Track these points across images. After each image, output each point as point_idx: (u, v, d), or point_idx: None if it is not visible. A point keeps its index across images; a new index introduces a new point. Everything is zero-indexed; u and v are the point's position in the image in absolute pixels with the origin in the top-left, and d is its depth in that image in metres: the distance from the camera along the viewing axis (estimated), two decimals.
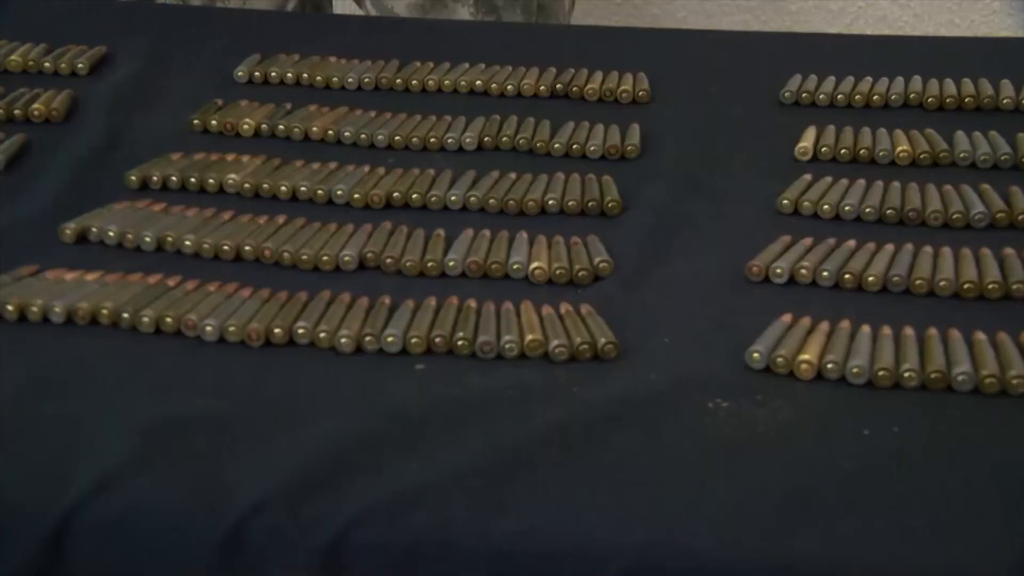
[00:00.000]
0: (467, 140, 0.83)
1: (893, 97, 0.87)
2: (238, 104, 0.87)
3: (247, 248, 0.70)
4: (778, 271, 0.67)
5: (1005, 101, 0.85)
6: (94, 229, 0.72)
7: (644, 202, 0.76)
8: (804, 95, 0.89)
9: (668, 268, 0.69)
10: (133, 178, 0.78)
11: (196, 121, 0.85)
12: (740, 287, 0.67)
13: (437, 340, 0.62)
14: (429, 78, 0.91)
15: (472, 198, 0.75)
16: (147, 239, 0.70)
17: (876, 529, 0.50)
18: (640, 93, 0.90)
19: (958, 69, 0.91)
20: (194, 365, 0.61)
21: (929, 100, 0.87)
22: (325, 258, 0.69)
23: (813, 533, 0.50)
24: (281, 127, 0.84)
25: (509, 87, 0.90)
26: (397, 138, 0.83)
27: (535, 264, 0.68)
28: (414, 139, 0.83)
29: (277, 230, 0.71)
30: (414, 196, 0.75)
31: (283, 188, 0.76)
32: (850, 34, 1.61)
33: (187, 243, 0.70)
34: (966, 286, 0.65)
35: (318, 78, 0.91)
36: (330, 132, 0.83)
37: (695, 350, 0.62)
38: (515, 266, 0.68)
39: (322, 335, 0.62)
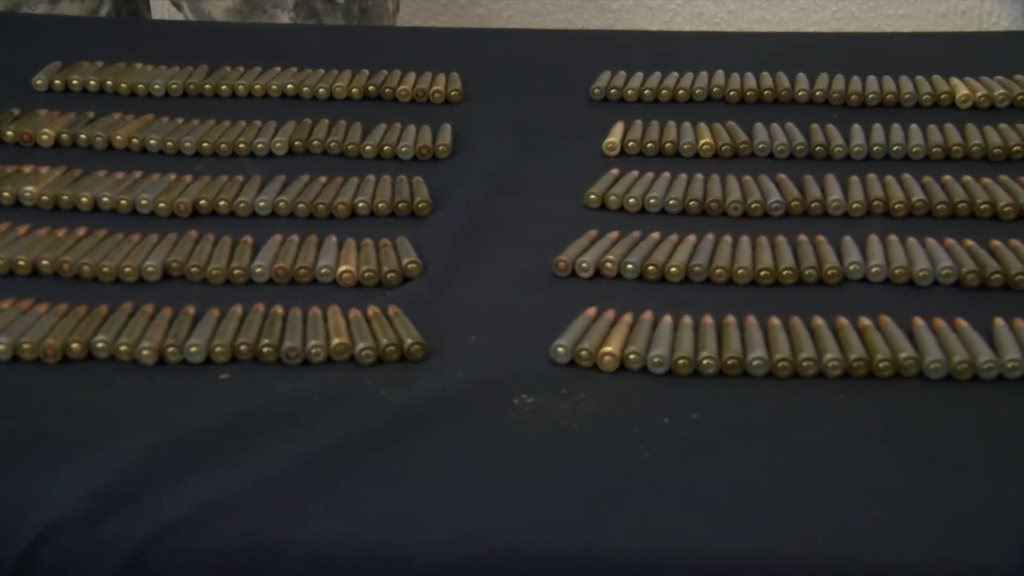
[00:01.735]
0: (277, 145, 0.82)
1: (697, 91, 0.90)
2: (37, 114, 0.85)
3: (44, 262, 0.67)
4: (584, 265, 0.68)
5: (800, 93, 0.89)
6: None
7: (455, 201, 0.76)
8: (613, 91, 0.91)
9: (477, 266, 0.70)
10: None
11: None
12: (547, 283, 0.68)
13: (242, 348, 0.61)
14: (239, 83, 0.90)
15: (281, 203, 0.74)
16: None
17: (678, 515, 0.51)
18: (452, 93, 0.90)
19: (761, 64, 0.94)
20: None
21: (731, 93, 0.89)
22: (127, 269, 0.67)
23: (618, 523, 0.51)
24: (83, 136, 0.82)
25: (321, 90, 0.90)
26: (205, 145, 0.81)
27: (343, 267, 0.68)
28: (223, 145, 0.81)
29: (77, 242, 0.69)
30: (221, 203, 0.74)
31: (84, 199, 0.74)
32: (660, 31, 1.64)
33: None
34: (762, 273, 0.67)
35: (123, 85, 0.89)
36: (135, 140, 0.82)
37: (502, 347, 0.62)
38: (323, 270, 0.68)
39: (123, 348, 0.60)
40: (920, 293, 0.66)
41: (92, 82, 0.89)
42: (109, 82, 0.89)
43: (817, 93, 0.88)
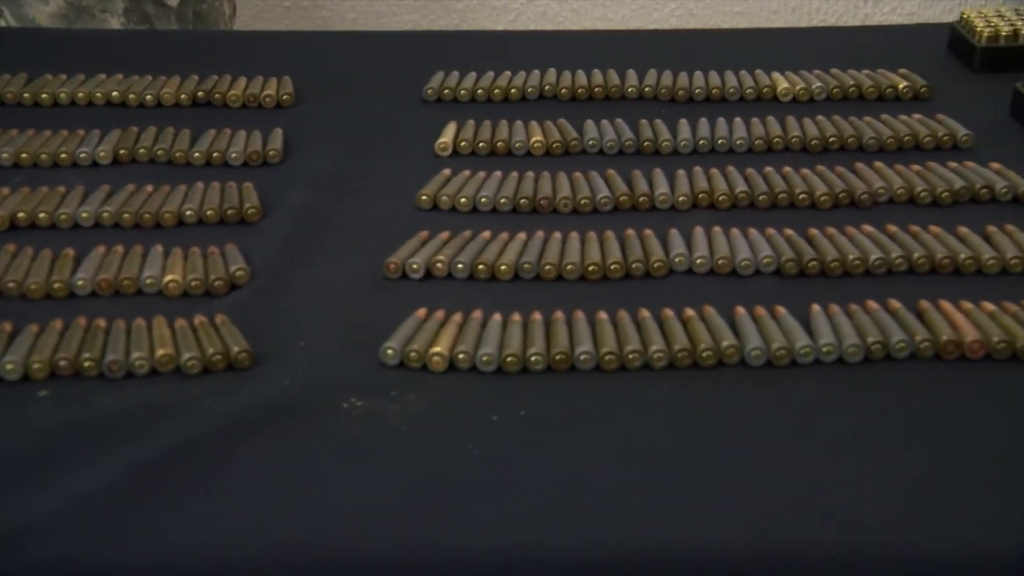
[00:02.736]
0: (101, 154, 0.80)
1: (529, 90, 0.91)
2: None
3: None
4: (414, 266, 0.68)
5: (630, 89, 0.90)
6: None
7: (285, 207, 0.75)
8: (446, 91, 0.91)
9: (307, 271, 0.69)
10: None
11: None
12: (378, 285, 0.68)
13: (62, 363, 0.59)
14: (61, 91, 0.88)
15: (105, 213, 0.73)
16: None
17: (506, 512, 0.51)
18: (284, 97, 0.89)
19: (597, 61, 0.95)
20: None
21: (562, 91, 0.90)
22: None
23: (446, 522, 0.51)
24: None
25: (148, 97, 0.88)
26: (24, 155, 0.79)
27: (169, 277, 0.66)
28: (43, 156, 0.79)
29: None
30: (41, 215, 0.72)
31: None
32: (499, 30, 1.65)
33: None
34: (591, 268, 0.68)
35: None
36: None
37: (331, 352, 0.62)
38: (148, 280, 0.66)
39: None
40: (742, 282, 0.68)
41: None
42: None
43: (646, 89, 0.90)
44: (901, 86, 0.89)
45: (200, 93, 0.89)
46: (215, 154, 0.80)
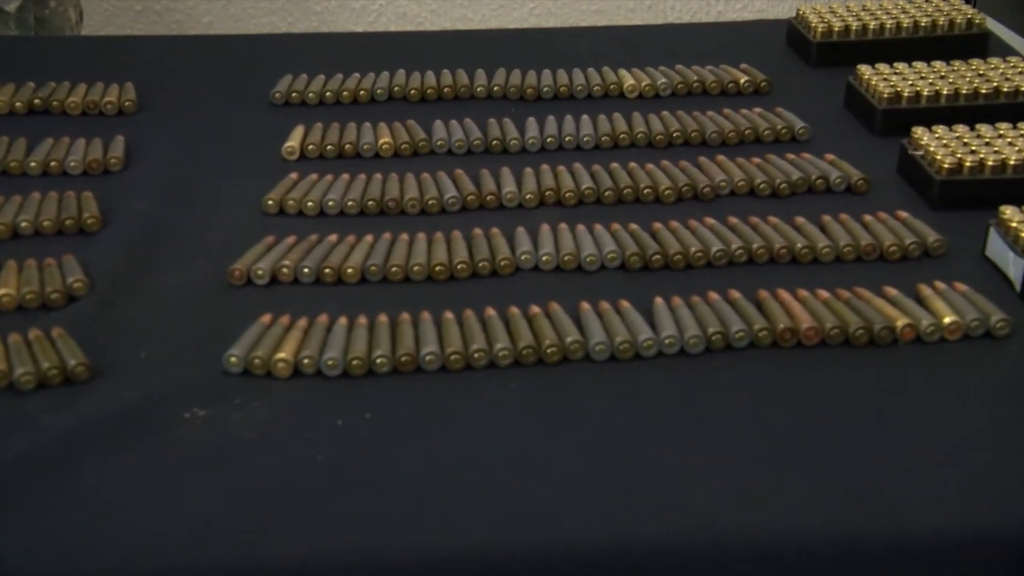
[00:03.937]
0: None
1: (378, 91, 0.90)
2: None
3: None
4: (259, 272, 0.67)
5: (479, 89, 0.90)
6: None
7: (127, 215, 0.74)
8: (294, 95, 0.90)
9: (149, 280, 0.68)
10: None
11: None
12: (223, 292, 0.67)
13: None
14: None
15: None
16: None
17: (350, 516, 0.51)
18: (126, 104, 0.87)
19: (451, 61, 0.95)
20: None
21: (412, 92, 0.90)
22: None
23: (289, 529, 0.50)
24: None
25: None
26: None
27: (2, 291, 0.64)
28: None
29: None
30: None
31: None
32: (353, 32, 1.64)
33: None
34: (437, 268, 0.68)
35: None
36: None
37: (174, 362, 0.61)
38: None
39: None
40: (588, 278, 0.68)
41: None
42: None
43: (495, 88, 0.90)
44: (742, 81, 0.91)
45: (37, 100, 0.86)
46: (53, 163, 0.78)
